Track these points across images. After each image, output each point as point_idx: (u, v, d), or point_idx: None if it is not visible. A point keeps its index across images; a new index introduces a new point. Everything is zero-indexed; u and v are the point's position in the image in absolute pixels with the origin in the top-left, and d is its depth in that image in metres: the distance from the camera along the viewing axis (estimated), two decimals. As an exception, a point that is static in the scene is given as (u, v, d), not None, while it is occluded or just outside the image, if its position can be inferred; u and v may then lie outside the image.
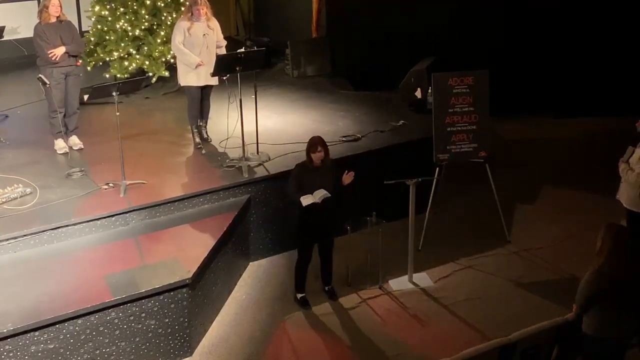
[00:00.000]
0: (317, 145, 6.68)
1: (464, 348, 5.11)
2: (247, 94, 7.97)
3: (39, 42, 7.91)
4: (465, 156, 8.07)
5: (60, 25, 8.00)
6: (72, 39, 8.03)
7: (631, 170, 6.56)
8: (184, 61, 8.26)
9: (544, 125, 10.88)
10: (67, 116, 8.28)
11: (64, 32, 7.99)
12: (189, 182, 7.74)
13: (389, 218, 7.49)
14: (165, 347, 6.28)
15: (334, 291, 7.19)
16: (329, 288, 7.21)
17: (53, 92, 7.96)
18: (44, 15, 7.94)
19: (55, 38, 7.92)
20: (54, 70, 7.94)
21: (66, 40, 7.96)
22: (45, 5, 7.93)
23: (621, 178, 6.73)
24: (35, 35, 7.95)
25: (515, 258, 7.89)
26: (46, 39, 7.88)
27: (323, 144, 6.72)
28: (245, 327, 6.77)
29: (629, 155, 6.67)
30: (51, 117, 8.17)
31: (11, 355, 5.61)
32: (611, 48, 10.88)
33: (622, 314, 5.14)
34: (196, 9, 8.16)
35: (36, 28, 7.97)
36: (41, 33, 7.90)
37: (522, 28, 10.79)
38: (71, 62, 8.07)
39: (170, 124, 9.28)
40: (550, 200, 9.04)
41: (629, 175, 6.56)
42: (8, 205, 6.97)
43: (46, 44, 7.87)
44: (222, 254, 6.98)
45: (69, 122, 8.32)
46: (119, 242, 6.83)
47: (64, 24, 8.06)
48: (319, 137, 6.81)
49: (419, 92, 9.64)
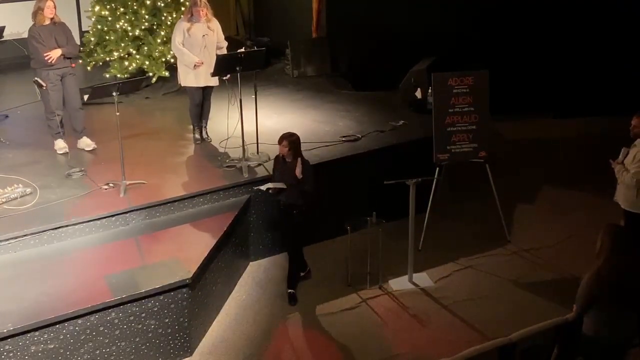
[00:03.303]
0: (282, 139, 6.96)
1: (464, 348, 5.12)
2: (247, 94, 7.98)
3: (35, 45, 7.87)
4: (465, 156, 8.07)
5: (54, 27, 7.97)
6: (66, 40, 8.01)
7: (626, 171, 6.56)
8: (182, 61, 8.28)
9: (544, 125, 10.88)
10: (72, 116, 8.26)
11: (59, 34, 7.97)
12: (189, 182, 7.74)
13: (389, 218, 7.49)
14: (165, 347, 6.28)
15: (294, 297, 7.18)
16: (290, 292, 7.20)
17: (50, 95, 7.95)
18: (38, 17, 7.90)
19: (50, 40, 7.89)
20: (49, 72, 7.92)
21: (61, 42, 7.94)
22: (40, 7, 7.88)
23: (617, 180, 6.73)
24: (30, 37, 7.91)
25: (515, 258, 7.90)
26: (42, 41, 7.85)
27: (288, 140, 6.94)
28: (245, 327, 6.78)
29: (624, 156, 6.67)
30: (48, 119, 8.16)
31: (11, 355, 5.61)
32: (611, 48, 10.89)
33: (622, 314, 5.14)
34: (196, 10, 8.17)
35: (31, 30, 7.94)
36: (36, 35, 7.87)
37: (522, 28, 10.79)
38: (66, 64, 8.04)
39: (170, 124, 9.28)
40: (550, 201, 9.04)
41: (625, 176, 6.56)
42: (8, 205, 6.97)
43: (42, 46, 7.84)
44: (222, 254, 6.98)
45: (75, 123, 8.30)
46: (119, 242, 6.83)
47: (58, 25, 8.03)
48: (290, 134, 7.06)
49: (419, 92, 9.64)
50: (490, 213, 8.26)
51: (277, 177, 7.06)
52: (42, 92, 7.99)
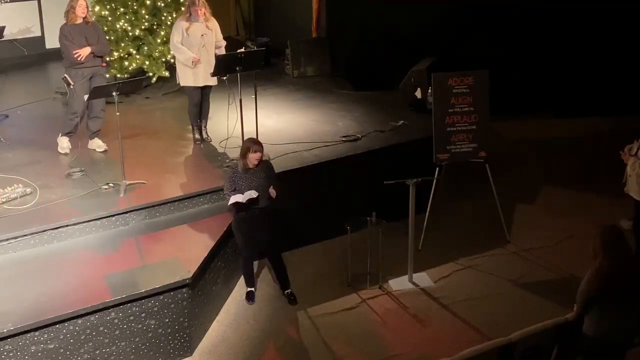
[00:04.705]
0: (258, 146, 6.84)
1: (464, 348, 5.11)
2: (247, 94, 7.98)
3: (65, 43, 7.89)
4: (465, 156, 8.07)
5: (86, 27, 7.98)
6: (97, 39, 8.01)
7: None
8: (180, 59, 8.28)
9: (544, 125, 10.88)
10: (91, 118, 8.25)
11: (90, 33, 7.97)
12: (189, 182, 7.74)
13: (389, 218, 7.48)
14: (165, 347, 6.28)
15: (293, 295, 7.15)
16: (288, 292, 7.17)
17: (77, 93, 7.96)
18: (70, 15, 7.93)
19: (81, 39, 7.89)
20: (78, 71, 7.93)
21: (91, 41, 7.94)
22: (72, 6, 7.91)
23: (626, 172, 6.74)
24: (61, 35, 7.94)
25: (515, 258, 7.90)
26: (72, 39, 7.87)
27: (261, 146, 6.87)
28: (245, 327, 6.78)
29: (637, 149, 6.69)
30: (69, 118, 8.12)
31: (11, 355, 5.61)
32: (611, 48, 10.89)
33: (622, 314, 5.14)
34: (194, 9, 8.18)
35: (62, 29, 7.95)
36: (67, 34, 7.89)
37: (522, 28, 10.79)
38: (96, 63, 8.04)
39: (170, 124, 9.28)
40: (550, 201, 9.04)
41: None
42: (8, 205, 6.97)
43: (72, 44, 7.85)
44: (222, 254, 6.98)
45: (92, 124, 8.28)
46: (119, 242, 6.83)
47: (90, 25, 8.05)
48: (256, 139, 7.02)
49: (419, 92, 9.63)
50: (490, 213, 8.25)
51: (245, 187, 6.85)
52: (69, 90, 7.99)
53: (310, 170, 7.92)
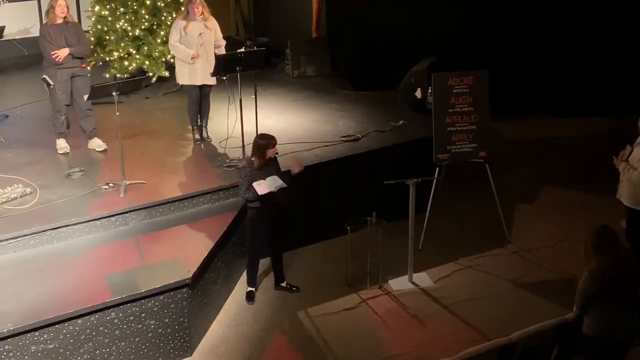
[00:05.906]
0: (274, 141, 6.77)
1: (464, 348, 5.11)
2: (247, 93, 7.98)
3: (44, 43, 7.89)
4: (465, 156, 8.07)
5: (66, 27, 7.97)
6: (77, 40, 8.00)
7: (633, 168, 6.55)
8: (179, 57, 8.29)
9: (544, 125, 10.88)
10: (82, 118, 8.25)
11: (70, 34, 7.96)
12: (189, 182, 7.74)
13: (389, 218, 7.48)
14: (165, 347, 6.28)
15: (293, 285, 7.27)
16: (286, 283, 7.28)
17: (57, 94, 7.96)
18: (50, 15, 7.93)
19: (60, 39, 7.89)
20: (57, 71, 7.93)
21: (71, 42, 7.93)
22: (52, 6, 7.91)
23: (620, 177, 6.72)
24: (40, 35, 7.94)
25: (515, 258, 7.90)
26: (50, 39, 7.86)
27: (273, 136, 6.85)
28: (245, 327, 6.78)
29: (628, 154, 6.67)
30: (54, 118, 8.17)
31: (11, 355, 5.61)
32: (611, 48, 10.89)
33: (622, 314, 5.14)
34: (191, 7, 8.19)
35: (42, 28, 7.96)
36: (46, 34, 7.89)
37: (522, 28, 10.79)
38: (76, 64, 8.03)
39: (170, 124, 9.29)
40: (550, 200, 9.04)
41: (631, 174, 6.55)
42: (8, 205, 6.97)
43: (50, 45, 7.85)
44: (222, 254, 6.98)
45: (84, 125, 8.29)
46: (119, 242, 6.83)
47: (71, 25, 8.04)
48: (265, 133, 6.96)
49: (419, 92, 9.64)
50: (490, 213, 8.25)
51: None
52: (50, 90, 7.99)
53: (310, 170, 7.91)
